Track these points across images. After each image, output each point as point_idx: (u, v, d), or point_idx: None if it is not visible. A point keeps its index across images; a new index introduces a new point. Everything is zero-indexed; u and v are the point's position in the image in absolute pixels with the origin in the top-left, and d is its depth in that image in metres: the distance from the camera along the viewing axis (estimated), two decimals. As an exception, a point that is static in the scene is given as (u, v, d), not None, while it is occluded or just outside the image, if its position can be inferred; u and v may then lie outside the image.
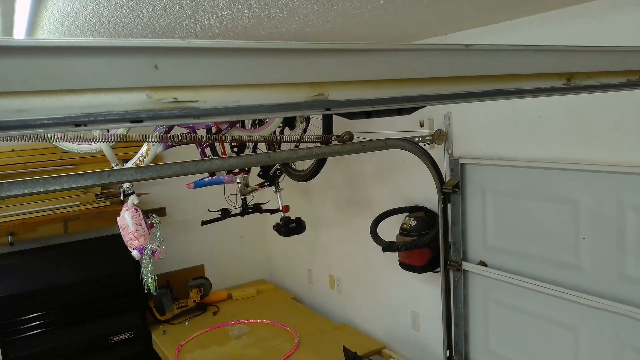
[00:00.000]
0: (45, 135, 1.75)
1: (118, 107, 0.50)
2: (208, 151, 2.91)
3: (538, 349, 2.28)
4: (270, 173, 2.99)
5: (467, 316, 2.60)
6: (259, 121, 2.78)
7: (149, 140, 2.18)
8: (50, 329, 3.24)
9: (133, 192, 2.46)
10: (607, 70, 0.93)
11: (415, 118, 2.63)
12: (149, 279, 2.34)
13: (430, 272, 2.68)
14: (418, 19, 1.98)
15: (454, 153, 2.54)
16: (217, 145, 2.96)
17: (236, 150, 2.98)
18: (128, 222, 2.31)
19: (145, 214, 2.44)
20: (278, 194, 3.02)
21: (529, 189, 2.20)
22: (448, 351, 2.55)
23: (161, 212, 3.78)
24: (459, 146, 2.53)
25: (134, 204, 2.41)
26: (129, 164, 2.42)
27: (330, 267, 3.85)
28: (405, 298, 3.10)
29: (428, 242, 2.56)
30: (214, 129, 2.56)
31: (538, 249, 2.19)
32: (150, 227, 2.42)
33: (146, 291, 2.44)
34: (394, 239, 2.71)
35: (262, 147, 3.04)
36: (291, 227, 2.89)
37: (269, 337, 3.36)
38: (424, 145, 2.46)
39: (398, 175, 3.00)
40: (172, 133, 2.34)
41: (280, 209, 2.97)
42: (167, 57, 0.53)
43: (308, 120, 2.70)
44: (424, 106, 0.83)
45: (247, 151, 3.02)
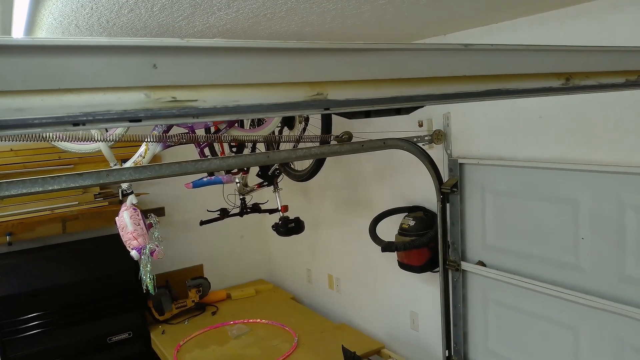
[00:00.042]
0: (43, 134, 1.75)
1: (117, 107, 0.50)
2: (207, 151, 2.91)
3: (538, 349, 2.28)
4: (269, 173, 2.99)
5: (466, 316, 2.60)
6: (258, 121, 2.78)
7: (148, 140, 2.17)
8: (49, 329, 3.24)
9: (132, 192, 2.46)
10: (606, 70, 0.93)
11: (414, 118, 2.63)
12: (148, 279, 2.34)
13: (429, 272, 2.68)
14: (417, 19, 1.98)
15: (453, 153, 2.54)
16: (216, 145, 2.96)
17: (235, 150, 2.98)
18: (127, 222, 2.31)
19: (144, 214, 2.44)
20: (277, 194, 3.02)
21: (529, 189, 2.20)
22: (447, 351, 2.55)
23: (160, 212, 3.77)
24: (458, 146, 2.53)
25: (133, 204, 2.40)
26: (128, 164, 2.41)
27: (329, 267, 3.85)
28: (404, 298, 3.10)
29: (427, 242, 2.56)
30: (213, 129, 2.56)
31: (538, 249, 2.19)
32: (149, 227, 2.42)
33: (145, 291, 2.44)
34: (393, 239, 2.71)
35: (261, 147, 3.04)
36: (290, 227, 2.89)
37: (268, 337, 3.35)
38: (423, 145, 2.46)
39: (397, 175, 3.00)
40: (171, 133, 2.34)
41: (279, 209, 2.97)
42: (166, 57, 0.53)
43: (307, 120, 2.69)
44: (423, 106, 0.83)
45: (246, 151, 3.02)
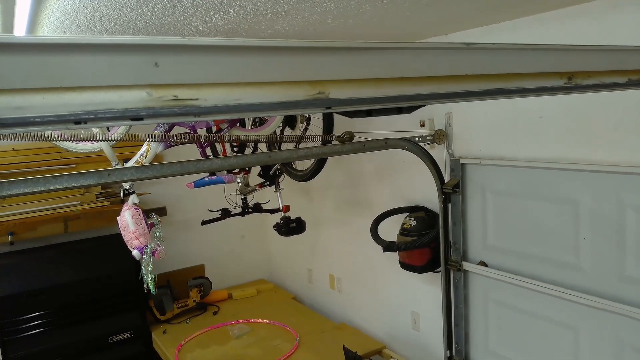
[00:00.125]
0: (45, 133, 1.75)
1: (118, 105, 0.50)
2: (208, 151, 2.91)
3: (538, 349, 2.27)
4: (270, 173, 2.99)
5: (468, 316, 2.60)
6: (260, 121, 2.78)
7: (149, 139, 2.17)
8: (50, 329, 3.24)
9: (133, 192, 2.46)
10: (608, 69, 0.93)
11: (415, 118, 2.63)
12: (149, 279, 2.34)
13: (430, 272, 2.68)
14: (419, 19, 1.98)
15: (455, 153, 2.54)
16: (218, 144, 2.96)
17: (236, 149, 2.98)
18: (128, 222, 2.31)
19: (145, 214, 2.44)
20: (278, 194, 3.02)
21: (529, 189, 2.20)
22: (448, 351, 2.55)
23: (161, 212, 3.78)
24: (460, 146, 2.52)
25: (135, 204, 2.41)
26: (130, 164, 2.42)
27: (330, 267, 3.85)
28: (405, 298, 3.10)
29: (428, 242, 2.56)
30: (214, 129, 2.56)
31: (538, 249, 2.19)
32: (150, 227, 2.42)
33: (146, 291, 2.44)
34: (395, 239, 2.71)
35: (263, 147, 3.04)
36: (291, 227, 2.89)
37: (269, 337, 3.35)
38: (425, 145, 2.46)
39: (398, 175, 3.00)
40: (173, 132, 2.35)
41: (280, 209, 2.97)
42: (168, 55, 0.53)
43: (308, 119, 2.70)
44: (425, 105, 0.82)
45: (248, 151, 3.02)
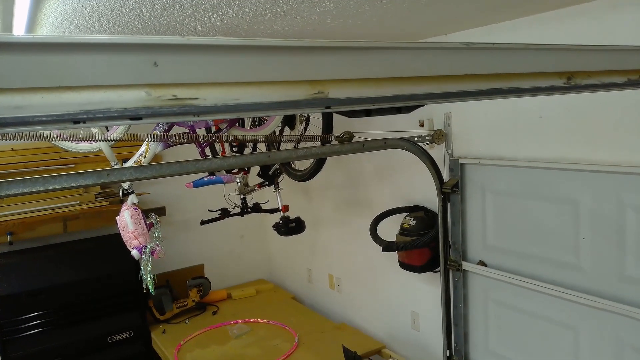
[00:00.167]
0: (44, 133, 1.75)
1: (117, 105, 0.50)
2: (207, 150, 2.91)
3: (538, 349, 2.27)
4: (269, 173, 2.98)
5: (467, 316, 2.60)
6: (259, 121, 2.78)
7: (149, 139, 2.17)
8: (49, 329, 3.24)
9: (132, 192, 2.46)
10: (608, 69, 0.93)
11: (415, 118, 2.63)
12: (149, 279, 2.34)
13: (430, 272, 2.68)
14: (418, 19, 1.98)
15: (454, 153, 2.54)
16: (217, 144, 2.96)
17: (236, 149, 2.98)
18: (127, 222, 2.31)
19: (144, 214, 2.44)
20: (278, 194, 3.01)
21: (529, 189, 2.20)
22: (448, 351, 2.55)
23: (161, 212, 3.78)
24: (459, 146, 2.52)
25: (134, 204, 2.40)
26: (129, 163, 2.41)
27: (330, 267, 3.84)
28: (405, 298, 3.10)
29: (428, 242, 2.56)
30: (214, 129, 2.56)
31: (538, 249, 2.19)
32: (149, 227, 2.42)
33: (145, 291, 2.44)
34: (394, 239, 2.71)
35: (262, 147, 3.04)
36: (291, 227, 2.89)
37: (269, 337, 3.35)
38: (424, 145, 2.46)
39: (398, 175, 2.99)
40: (172, 132, 2.34)
41: (279, 209, 2.97)
42: (167, 55, 0.53)
43: (308, 119, 2.69)
44: (424, 105, 0.82)
45: (247, 151, 3.02)
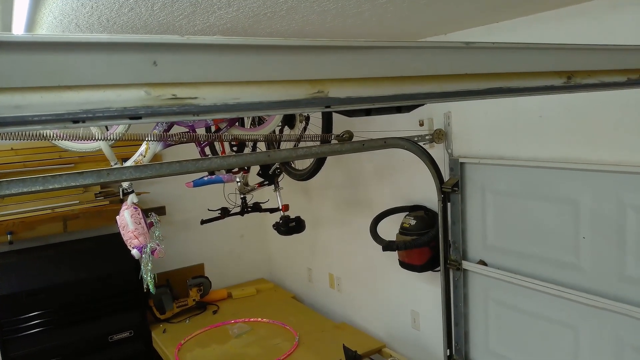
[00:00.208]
0: (44, 132, 1.75)
1: (116, 104, 0.50)
2: (207, 150, 2.91)
3: (538, 348, 2.27)
4: (269, 172, 2.98)
5: (467, 315, 2.60)
6: (259, 120, 2.78)
7: (148, 139, 2.17)
8: (49, 328, 3.24)
9: (132, 191, 2.46)
10: (608, 68, 0.93)
11: (414, 117, 2.62)
12: (149, 278, 2.34)
13: (430, 272, 2.68)
14: (418, 18, 1.98)
15: (454, 152, 2.54)
16: (217, 144, 2.96)
17: (235, 149, 2.98)
18: (127, 221, 2.31)
19: (144, 213, 2.44)
20: (277, 193, 3.01)
21: (529, 189, 2.20)
22: (448, 350, 2.55)
23: (161, 211, 3.78)
24: (459, 145, 2.52)
25: (134, 203, 2.40)
26: (128, 163, 2.41)
27: (330, 266, 3.84)
28: (405, 297, 3.10)
29: (428, 241, 2.56)
30: (213, 128, 2.56)
31: (538, 249, 2.19)
32: (149, 226, 2.42)
33: (146, 290, 2.43)
34: (394, 238, 2.71)
35: (262, 146, 3.04)
36: (291, 226, 2.89)
37: (269, 336, 3.35)
38: (424, 144, 2.46)
39: (398, 174, 2.99)
40: (172, 132, 2.34)
41: (279, 208, 2.97)
42: (166, 54, 0.53)
43: (307, 119, 2.69)
44: (424, 104, 0.82)
45: (247, 150, 3.02)
